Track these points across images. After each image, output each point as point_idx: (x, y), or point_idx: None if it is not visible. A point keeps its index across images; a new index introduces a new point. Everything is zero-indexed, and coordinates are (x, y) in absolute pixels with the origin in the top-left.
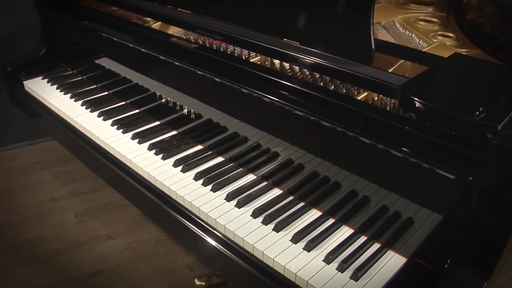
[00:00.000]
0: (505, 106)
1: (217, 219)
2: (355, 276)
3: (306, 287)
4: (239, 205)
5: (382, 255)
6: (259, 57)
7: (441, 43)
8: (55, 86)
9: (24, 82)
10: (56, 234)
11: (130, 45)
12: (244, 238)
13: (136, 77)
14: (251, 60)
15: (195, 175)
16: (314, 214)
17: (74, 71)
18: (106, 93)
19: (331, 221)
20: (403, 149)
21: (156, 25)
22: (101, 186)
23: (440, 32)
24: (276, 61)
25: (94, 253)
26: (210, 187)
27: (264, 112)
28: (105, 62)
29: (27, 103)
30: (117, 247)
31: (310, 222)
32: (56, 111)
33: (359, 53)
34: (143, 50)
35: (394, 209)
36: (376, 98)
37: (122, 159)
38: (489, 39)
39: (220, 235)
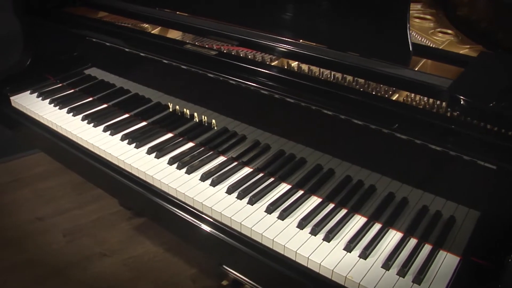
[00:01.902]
0: None
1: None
2: (418, 280)
3: None
4: (282, 217)
5: (436, 255)
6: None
7: (451, 41)
8: (47, 100)
9: (11, 98)
10: (46, 255)
11: (126, 49)
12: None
13: (134, 87)
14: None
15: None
16: (359, 220)
17: (64, 84)
18: (106, 105)
19: (378, 226)
20: (444, 143)
21: (156, 30)
22: (87, 202)
23: (438, 29)
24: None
25: (91, 273)
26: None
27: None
28: (96, 72)
29: (15, 119)
30: (114, 265)
31: (359, 228)
32: (54, 128)
33: (398, 55)
34: (141, 54)
35: (435, 209)
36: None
37: (142, 176)
38: (486, 35)
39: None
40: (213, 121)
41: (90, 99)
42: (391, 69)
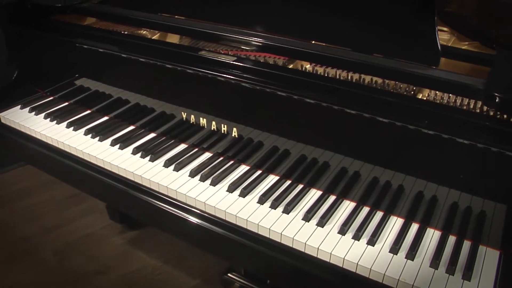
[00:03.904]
0: None
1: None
2: (468, 276)
3: None
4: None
5: (477, 250)
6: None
7: (454, 39)
8: (42, 115)
9: (1, 114)
10: (37, 277)
11: (123, 55)
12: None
13: (133, 97)
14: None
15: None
16: (397, 221)
17: (56, 96)
18: (107, 118)
19: (415, 226)
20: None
21: (156, 36)
22: (74, 218)
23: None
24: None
25: None
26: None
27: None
28: (88, 83)
29: (5, 136)
30: (112, 282)
31: (400, 230)
32: (55, 144)
33: (427, 56)
34: (141, 59)
35: (465, 205)
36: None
37: (164, 191)
38: (480, 31)
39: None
40: (234, 129)
41: (88, 111)
42: (424, 70)
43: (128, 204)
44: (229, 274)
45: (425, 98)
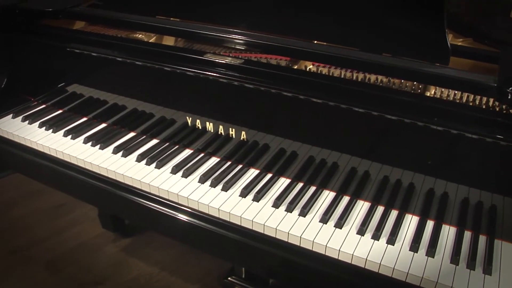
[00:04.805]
0: None
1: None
2: (489, 271)
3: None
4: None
5: (493, 244)
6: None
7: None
8: (36, 124)
9: None
10: None
11: (119, 58)
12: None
13: (129, 102)
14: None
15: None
16: (412, 219)
17: (48, 104)
18: (105, 124)
19: (431, 223)
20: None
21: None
22: (64, 228)
23: None
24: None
25: None
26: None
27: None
28: (80, 89)
29: None
30: None
31: (417, 228)
32: (53, 154)
33: (438, 55)
34: (138, 63)
35: (475, 200)
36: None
37: (174, 198)
38: (471, 28)
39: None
40: (243, 133)
41: (85, 119)
42: (437, 69)
43: (135, 214)
44: (229, 278)
45: (431, 95)
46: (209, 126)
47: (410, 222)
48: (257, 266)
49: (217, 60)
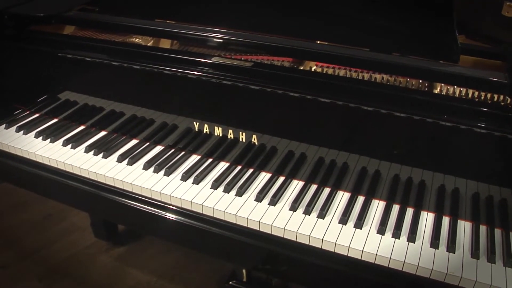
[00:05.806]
0: None
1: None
2: (510, 263)
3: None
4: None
5: (510, 238)
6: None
7: None
8: (32, 134)
9: None
10: None
11: (114, 63)
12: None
13: (127, 108)
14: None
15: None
16: (428, 216)
17: (42, 113)
18: (105, 132)
19: (447, 219)
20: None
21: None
22: (54, 239)
23: None
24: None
25: None
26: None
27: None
28: (76, 97)
29: None
30: None
31: (435, 224)
32: (54, 164)
33: (448, 53)
34: (134, 66)
35: (485, 194)
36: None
37: (187, 206)
38: (463, 25)
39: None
40: (254, 136)
41: (83, 127)
42: (448, 67)
43: (145, 223)
44: (230, 282)
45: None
46: (218, 130)
47: (427, 219)
48: (280, 272)
49: (216, 62)
